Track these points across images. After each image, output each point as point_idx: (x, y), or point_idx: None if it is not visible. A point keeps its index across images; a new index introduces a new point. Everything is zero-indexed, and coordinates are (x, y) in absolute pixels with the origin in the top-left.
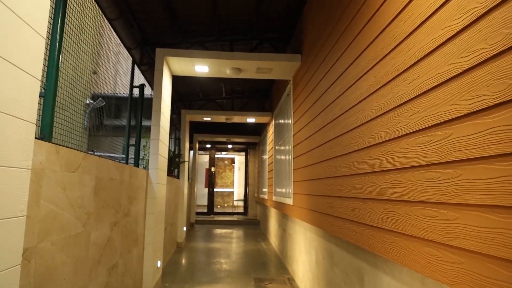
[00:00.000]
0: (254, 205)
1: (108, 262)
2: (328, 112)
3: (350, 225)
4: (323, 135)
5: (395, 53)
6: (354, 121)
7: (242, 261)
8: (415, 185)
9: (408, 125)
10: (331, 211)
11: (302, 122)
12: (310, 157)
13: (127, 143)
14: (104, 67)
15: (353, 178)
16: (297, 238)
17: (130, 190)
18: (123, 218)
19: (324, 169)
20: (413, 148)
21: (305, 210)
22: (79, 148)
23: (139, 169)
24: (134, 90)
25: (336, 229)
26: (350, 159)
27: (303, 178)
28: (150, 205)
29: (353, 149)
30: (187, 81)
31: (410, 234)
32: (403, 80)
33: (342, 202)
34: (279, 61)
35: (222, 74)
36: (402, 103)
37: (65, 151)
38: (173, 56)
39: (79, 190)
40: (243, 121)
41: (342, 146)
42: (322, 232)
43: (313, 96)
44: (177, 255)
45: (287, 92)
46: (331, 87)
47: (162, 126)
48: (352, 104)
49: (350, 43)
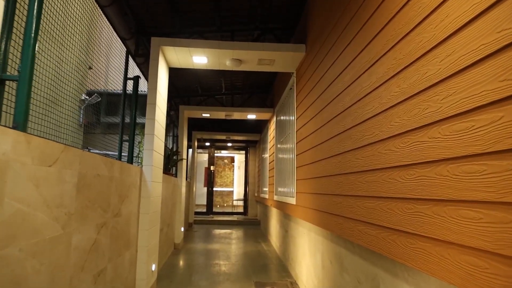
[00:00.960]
0: (254, 205)
1: (94, 268)
2: (337, 103)
3: (363, 227)
4: (330, 129)
5: (422, 28)
6: (368, 111)
7: (242, 263)
8: (449, 180)
9: (439, 110)
10: (340, 211)
11: (306, 116)
12: (315, 153)
13: (120, 138)
14: (96, 59)
15: (366, 174)
16: (300, 239)
17: (121, 188)
18: (112, 218)
19: (332, 165)
20: (446, 137)
21: (310, 210)
22: (74, 145)
23: (132, 166)
24: (129, 86)
25: (346, 231)
26: (364, 153)
27: (307, 176)
28: (144, 204)
29: (367, 142)
30: (185, 76)
31: (442, 239)
32: (432, 58)
33: (353, 201)
34: (282, 51)
35: (222, 66)
36: (431, 85)
37: (39, 141)
38: (169, 45)
39: (58, 187)
40: (244, 117)
41: (353, 140)
42: (329, 234)
43: (319, 88)
44: (174, 257)
45: (289, 86)
46: (340, 76)
47: (157, 120)
48: (365, 92)
49: (363, 25)
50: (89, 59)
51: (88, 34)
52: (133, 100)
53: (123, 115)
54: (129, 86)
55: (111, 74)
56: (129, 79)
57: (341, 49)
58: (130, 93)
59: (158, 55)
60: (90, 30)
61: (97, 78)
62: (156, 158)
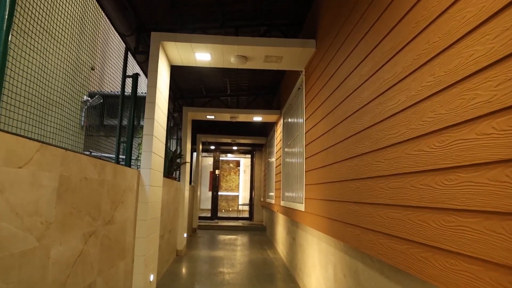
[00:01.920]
0: (260, 210)
1: (80, 283)
2: (353, 100)
3: (386, 240)
4: (345, 129)
5: (465, 2)
6: (392, 106)
7: (247, 272)
8: (510, 188)
9: (493, 99)
10: (357, 220)
11: (316, 117)
12: (327, 156)
13: (118, 139)
14: (94, 57)
15: (390, 179)
16: (309, 249)
17: (115, 193)
18: (104, 226)
19: (347, 169)
20: (506, 133)
21: (321, 218)
22: (75, 149)
23: (127, 168)
24: (128, 88)
25: (364, 243)
26: (387, 155)
27: (317, 180)
28: (142, 210)
29: (391, 142)
30: (189, 76)
31: (500, 263)
32: (481, 36)
33: (373, 210)
34: (290, 47)
35: (227, 64)
36: (479, 69)
37: (4, 138)
38: (170, 40)
39: (31, 193)
40: (249, 119)
41: (373, 140)
42: (343, 246)
43: (331, 85)
44: (176, 264)
45: (297, 86)
46: (357, 70)
47: (156, 120)
48: (388, 85)
49: (385, 8)
50: (90, 58)
51: (82, 28)
52: (132, 99)
53: (121, 115)
54: (129, 88)
55: (110, 73)
56: (128, 77)
57: (358, 39)
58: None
59: (158, 51)
60: (84, 24)
61: (97, 78)
62: (156, 160)
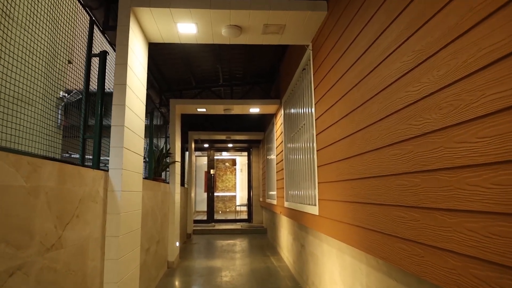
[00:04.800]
0: (260, 210)
1: None
2: (384, 70)
3: (466, 263)
4: (385, 103)
5: None
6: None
7: (249, 286)
8: None
9: None
10: (416, 234)
11: (330, 98)
12: (351, 144)
13: (83, 135)
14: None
15: (491, 169)
16: (325, 261)
17: (64, 204)
18: (41, 255)
19: (392, 159)
20: None
21: (344, 225)
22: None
23: (85, 169)
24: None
25: (426, 268)
26: (481, 131)
27: (337, 177)
28: (113, 224)
29: (463, 119)
30: (175, 62)
31: None
32: None
33: (455, 220)
34: (295, 10)
35: (217, 38)
36: None
37: None
38: (143, 6)
39: None
40: (246, 111)
41: (448, 110)
42: (377, 262)
43: (349, 56)
44: (166, 280)
45: (302, 66)
46: (388, 30)
47: (129, 107)
48: (441, 44)
49: None
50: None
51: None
52: (98, 82)
53: (86, 107)
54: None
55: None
56: (93, 56)
57: None
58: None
59: (128, 20)
60: None
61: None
62: (130, 159)
